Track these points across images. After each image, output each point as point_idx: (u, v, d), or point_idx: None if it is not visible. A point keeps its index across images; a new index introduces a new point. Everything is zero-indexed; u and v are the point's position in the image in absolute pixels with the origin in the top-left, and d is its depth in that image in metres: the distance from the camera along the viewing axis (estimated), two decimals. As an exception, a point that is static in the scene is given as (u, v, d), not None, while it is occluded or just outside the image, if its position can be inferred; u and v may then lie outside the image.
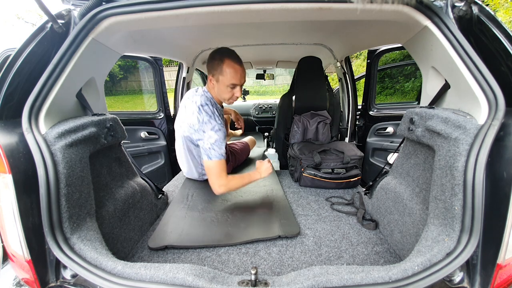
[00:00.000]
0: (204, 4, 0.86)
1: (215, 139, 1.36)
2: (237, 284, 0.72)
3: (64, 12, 0.90)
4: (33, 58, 0.83)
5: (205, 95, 1.50)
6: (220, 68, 1.39)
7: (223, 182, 1.35)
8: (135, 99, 3.48)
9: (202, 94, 1.50)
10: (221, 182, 1.35)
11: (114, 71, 4.32)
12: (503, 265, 0.66)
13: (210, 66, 1.45)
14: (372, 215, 1.37)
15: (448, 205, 0.78)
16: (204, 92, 1.53)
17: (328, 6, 0.87)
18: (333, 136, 2.22)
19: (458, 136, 0.76)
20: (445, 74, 0.96)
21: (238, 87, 1.46)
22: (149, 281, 0.70)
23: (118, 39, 1.09)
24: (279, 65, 3.33)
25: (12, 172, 0.70)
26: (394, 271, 0.70)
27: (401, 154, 1.20)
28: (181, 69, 2.39)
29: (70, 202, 0.81)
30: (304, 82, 2.14)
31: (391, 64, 5.44)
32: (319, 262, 1.06)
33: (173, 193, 1.72)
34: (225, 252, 1.12)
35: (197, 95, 1.51)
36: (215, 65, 1.40)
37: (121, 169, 1.22)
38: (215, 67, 1.41)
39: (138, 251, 1.14)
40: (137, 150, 2.25)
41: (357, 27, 1.54)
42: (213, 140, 1.35)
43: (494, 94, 0.73)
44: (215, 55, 1.41)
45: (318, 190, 1.78)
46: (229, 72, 1.39)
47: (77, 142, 0.87)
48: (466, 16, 0.83)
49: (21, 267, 0.76)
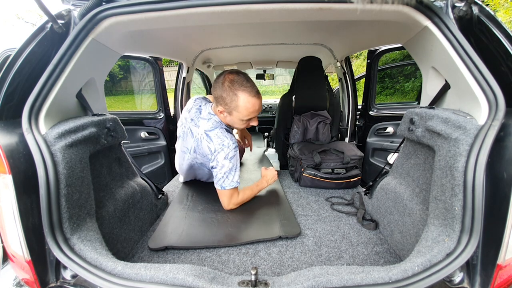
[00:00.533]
0: (204, 4, 0.86)
1: (229, 168, 1.27)
2: (237, 284, 0.72)
3: (64, 12, 0.90)
4: (33, 58, 0.83)
5: (213, 119, 1.34)
6: (235, 104, 1.21)
7: (234, 202, 1.36)
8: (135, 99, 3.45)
9: (209, 119, 1.34)
10: (234, 201, 1.36)
11: (114, 71, 4.31)
12: (503, 265, 0.66)
13: (219, 98, 1.23)
14: (372, 215, 1.37)
15: (448, 205, 0.78)
16: (211, 116, 1.36)
17: (328, 6, 0.87)
18: (333, 136, 2.22)
19: (458, 137, 0.76)
20: (445, 74, 0.96)
21: (255, 117, 1.32)
22: (149, 281, 0.69)
23: (118, 39, 1.09)
24: (279, 65, 3.33)
25: (12, 173, 0.70)
26: (394, 271, 0.70)
27: (401, 154, 1.20)
28: (181, 69, 2.39)
29: (70, 203, 0.81)
30: (304, 82, 2.14)
31: (391, 64, 5.44)
32: (319, 263, 1.06)
33: (173, 193, 1.72)
34: (225, 253, 1.12)
35: (203, 118, 1.35)
36: (226, 99, 1.21)
37: (121, 169, 1.22)
38: (227, 101, 1.21)
39: (138, 252, 1.14)
40: (137, 150, 2.25)
41: (357, 27, 1.54)
42: (227, 169, 1.26)
43: (494, 94, 0.73)
44: (225, 87, 1.19)
45: (318, 190, 1.78)
46: (245, 108, 1.22)
47: (77, 142, 0.87)
48: (466, 16, 0.83)
49: (21, 267, 0.76)
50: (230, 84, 1.19)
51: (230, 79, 1.21)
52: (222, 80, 1.22)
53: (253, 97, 1.21)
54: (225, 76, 1.22)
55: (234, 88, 1.19)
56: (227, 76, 1.22)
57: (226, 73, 1.23)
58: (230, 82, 1.20)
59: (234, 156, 1.28)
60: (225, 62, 3.08)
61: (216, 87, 1.24)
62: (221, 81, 1.22)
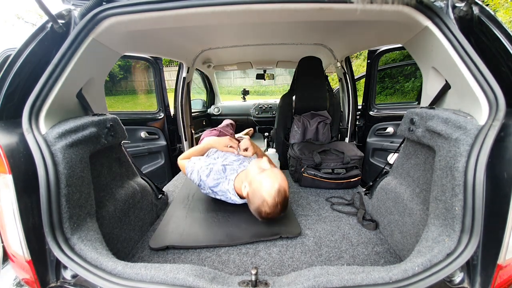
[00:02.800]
0: (204, 4, 0.86)
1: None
2: (237, 284, 0.72)
3: (65, 12, 0.90)
4: (34, 58, 0.83)
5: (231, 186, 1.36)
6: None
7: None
8: (135, 99, 3.48)
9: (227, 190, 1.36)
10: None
11: (114, 71, 4.31)
12: (503, 265, 0.66)
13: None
14: (372, 216, 1.37)
15: (448, 205, 0.78)
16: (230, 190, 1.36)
17: (328, 7, 0.87)
18: (333, 136, 2.22)
19: (458, 137, 0.76)
20: (445, 75, 0.96)
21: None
22: (149, 281, 0.69)
23: (118, 39, 1.09)
24: (279, 65, 3.33)
25: (12, 172, 0.70)
26: (394, 271, 0.70)
27: (401, 155, 1.20)
28: (181, 69, 2.39)
29: (70, 202, 0.81)
30: (304, 82, 2.14)
31: (391, 64, 5.43)
32: (319, 263, 1.06)
33: (173, 193, 1.72)
34: (225, 253, 1.12)
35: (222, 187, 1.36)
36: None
37: (121, 169, 1.22)
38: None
39: (138, 251, 1.14)
40: (137, 150, 2.25)
41: (357, 27, 1.54)
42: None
43: (495, 94, 0.73)
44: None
45: (318, 190, 1.78)
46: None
47: (77, 142, 0.87)
48: (466, 16, 0.83)
49: (22, 267, 0.76)
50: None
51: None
52: None
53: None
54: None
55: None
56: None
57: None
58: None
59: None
60: (225, 62, 3.08)
61: None
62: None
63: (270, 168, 1.23)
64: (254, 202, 1.16)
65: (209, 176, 1.35)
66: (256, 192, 1.15)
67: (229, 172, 1.38)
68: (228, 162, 1.46)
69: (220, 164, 1.40)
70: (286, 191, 1.14)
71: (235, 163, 1.46)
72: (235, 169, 1.41)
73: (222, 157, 1.53)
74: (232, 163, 1.46)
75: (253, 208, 1.18)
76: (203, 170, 1.37)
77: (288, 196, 1.16)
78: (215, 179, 1.36)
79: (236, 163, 1.46)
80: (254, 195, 1.16)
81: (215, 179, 1.36)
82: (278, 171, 1.21)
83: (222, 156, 1.54)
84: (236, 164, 1.45)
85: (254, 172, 1.23)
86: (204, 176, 1.36)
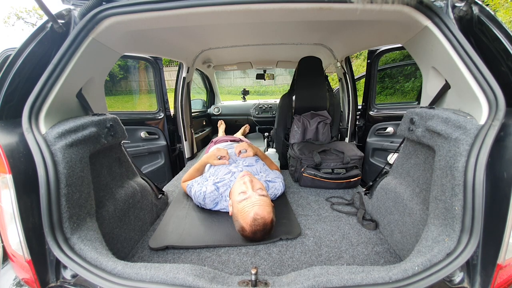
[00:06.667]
0: (204, 4, 0.86)
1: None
2: (237, 284, 0.72)
3: (64, 12, 0.90)
4: (33, 58, 0.83)
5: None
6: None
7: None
8: (135, 99, 3.48)
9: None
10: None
11: (114, 71, 4.31)
12: (503, 265, 0.66)
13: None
14: (372, 215, 1.37)
15: (448, 205, 0.78)
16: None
17: (328, 6, 0.87)
18: (333, 136, 2.22)
19: (458, 137, 0.76)
20: (445, 74, 0.96)
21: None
22: (149, 281, 0.69)
23: (118, 39, 1.09)
24: (279, 65, 3.33)
25: (12, 172, 0.70)
26: (394, 271, 0.70)
27: (401, 154, 1.20)
28: (181, 69, 2.39)
29: (70, 202, 0.81)
30: (304, 82, 2.14)
31: (391, 64, 5.43)
32: (319, 262, 1.06)
33: (173, 193, 1.72)
34: (225, 252, 1.12)
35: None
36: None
37: (121, 169, 1.22)
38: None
39: (138, 251, 1.14)
40: (137, 150, 2.25)
41: (357, 27, 1.54)
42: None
43: (495, 94, 0.73)
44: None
45: (318, 190, 1.78)
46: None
47: (77, 142, 0.87)
48: (466, 16, 0.83)
49: (21, 267, 0.76)
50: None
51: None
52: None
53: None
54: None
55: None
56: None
57: None
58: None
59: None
60: (225, 62, 3.08)
61: None
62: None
63: (252, 193, 1.19)
64: (236, 225, 1.20)
65: (205, 200, 1.41)
66: (235, 217, 1.20)
67: (222, 190, 1.41)
68: (220, 178, 1.45)
69: (212, 184, 1.42)
70: (264, 219, 1.10)
71: (227, 177, 1.45)
72: (227, 184, 1.42)
73: (213, 174, 1.53)
74: (224, 178, 1.45)
75: (236, 230, 1.21)
76: (197, 195, 1.43)
77: (268, 222, 1.11)
78: (212, 201, 1.41)
79: (227, 177, 1.46)
80: (235, 218, 1.21)
81: (212, 200, 1.41)
82: (259, 198, 1.16)
83: (214, 174, 1.53)
84: (228, 178, 1.44)
85: (235, 195, 1.26)
86: (201, 200, 1.42)
